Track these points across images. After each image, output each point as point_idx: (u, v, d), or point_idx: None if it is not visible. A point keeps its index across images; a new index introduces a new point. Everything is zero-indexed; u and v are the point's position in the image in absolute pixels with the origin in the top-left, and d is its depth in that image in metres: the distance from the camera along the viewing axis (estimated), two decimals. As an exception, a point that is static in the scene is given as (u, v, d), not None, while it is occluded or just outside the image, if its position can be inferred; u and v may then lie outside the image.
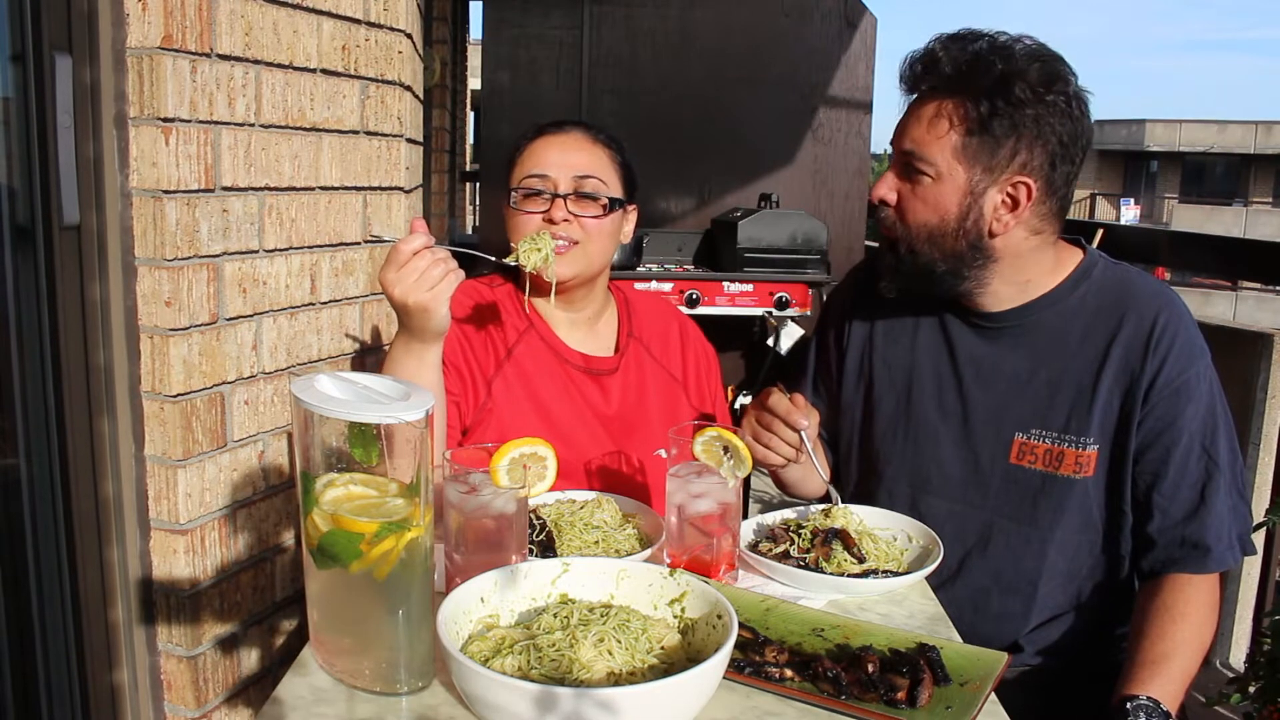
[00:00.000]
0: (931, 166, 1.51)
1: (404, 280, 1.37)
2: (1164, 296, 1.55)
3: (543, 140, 1.71)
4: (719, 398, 1.89)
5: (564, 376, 1.69)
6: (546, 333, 1.71)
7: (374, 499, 1.08)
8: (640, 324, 1.82)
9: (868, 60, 4.30)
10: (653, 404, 1.76)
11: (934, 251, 1.54)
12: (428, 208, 4.86)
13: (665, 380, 1.79)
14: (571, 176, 1.67)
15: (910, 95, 1.56)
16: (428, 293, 1.37)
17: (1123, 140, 29.86)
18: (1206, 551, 1.48)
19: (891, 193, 1.56)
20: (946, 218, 1.52)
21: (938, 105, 1.50)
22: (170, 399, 1.61)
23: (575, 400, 1.69)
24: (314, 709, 1.04)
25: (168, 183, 1.57)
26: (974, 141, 1.48)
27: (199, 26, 1.58)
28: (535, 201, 1.66)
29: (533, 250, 1.55)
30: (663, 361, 1.81)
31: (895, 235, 1.57)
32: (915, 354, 1.67)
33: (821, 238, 3.61)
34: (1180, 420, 1.50)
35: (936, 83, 1.51)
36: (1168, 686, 1.37)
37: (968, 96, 1.48)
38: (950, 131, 1.49)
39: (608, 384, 1.72)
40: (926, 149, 1.50)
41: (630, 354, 1.77)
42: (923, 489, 1.65)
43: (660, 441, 1.71)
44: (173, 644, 1.69)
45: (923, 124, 1.51)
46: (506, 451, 1.25)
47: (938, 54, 1.50)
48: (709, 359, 1.88)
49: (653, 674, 1.03)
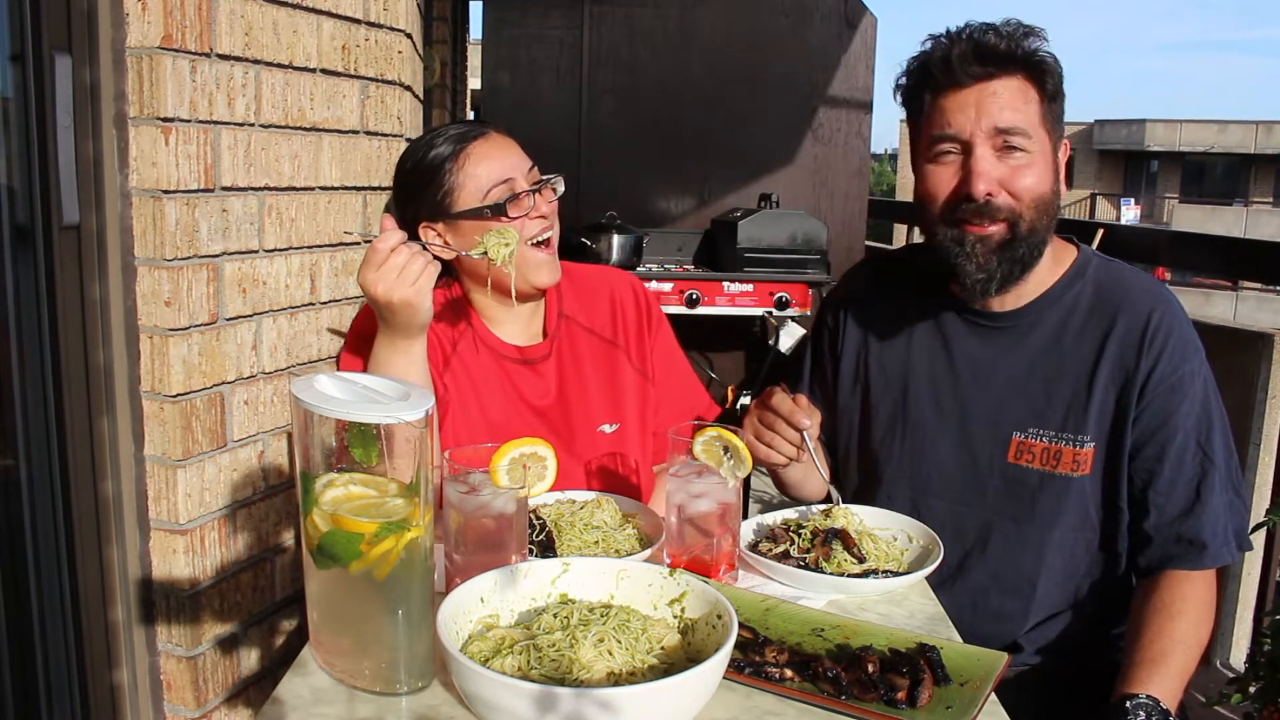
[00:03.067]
0: (1029, 139, 1.50)
1: (385, 278, 1.38)
2: (1158, 294, 1.56)
3: (478, 149, 1.66)
4: (669, 351, 1.87)
5: (500, 371, 1.70)
6: (481, 330, 1.73)
7: (374, 499, 1.08)
8: (570, 300, 1.81)
9: (868, 60, 4.30)
10: (590, 379, 1.76)
11: (1044, 221, 1.53)
12: (428, 208, 4.86)
13: (601, 348, 1.79)
14: (526, 170, 1.68)
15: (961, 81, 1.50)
16: (410, 288, 1.39)
17: (1123, 140, 29.86)
18: (1203, 548, 1.48)
19: (995, 183, 1.50)
20: (1051, 184, 1.53)
21: (1014, 78, 1.50)
22: (170, 399, 1.61)
23: (509, 394, 1.70)
24: (314, 709, 1.04)
25: (167, 183, 1.57)
26: (1050, 108, 1.52)
27: (199, 26, 1.58)
28: (517, 205, 1.65)
29: (500, 245, 1.56)
30: (596, 330, 1.80)
31: (1013, 220, 1.51)
32: (911, 355, 1.67)
33: (821, 238, 3.61)
34: (1175, 417, 1.50)
35: (1014, 59, 1.50)
36: (1166, 684, 1.37)
37: (1038, 67, 1.50)
38: (1036, 101, 1.51)
39: (542, 369, 1.73)
40: (1024, 122, 1.50)
41: (562, 335, 1.77)
42: (922, 490, 1.65)
43: (603, 416, 1.73)
44: (173, 644, 1.69)
45: (1010, 99, 1.49)
46: (506, 451, 1.25)
47: (992, 37, 1.50)
48: (649, 313, 1.85)
49: (653, 674, 1.03)
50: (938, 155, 1.53)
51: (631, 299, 1.85)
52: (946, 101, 1.51)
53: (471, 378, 1.69)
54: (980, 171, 1.49)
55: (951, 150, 1.52)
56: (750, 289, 3.56)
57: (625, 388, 1.77)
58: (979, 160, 1.49)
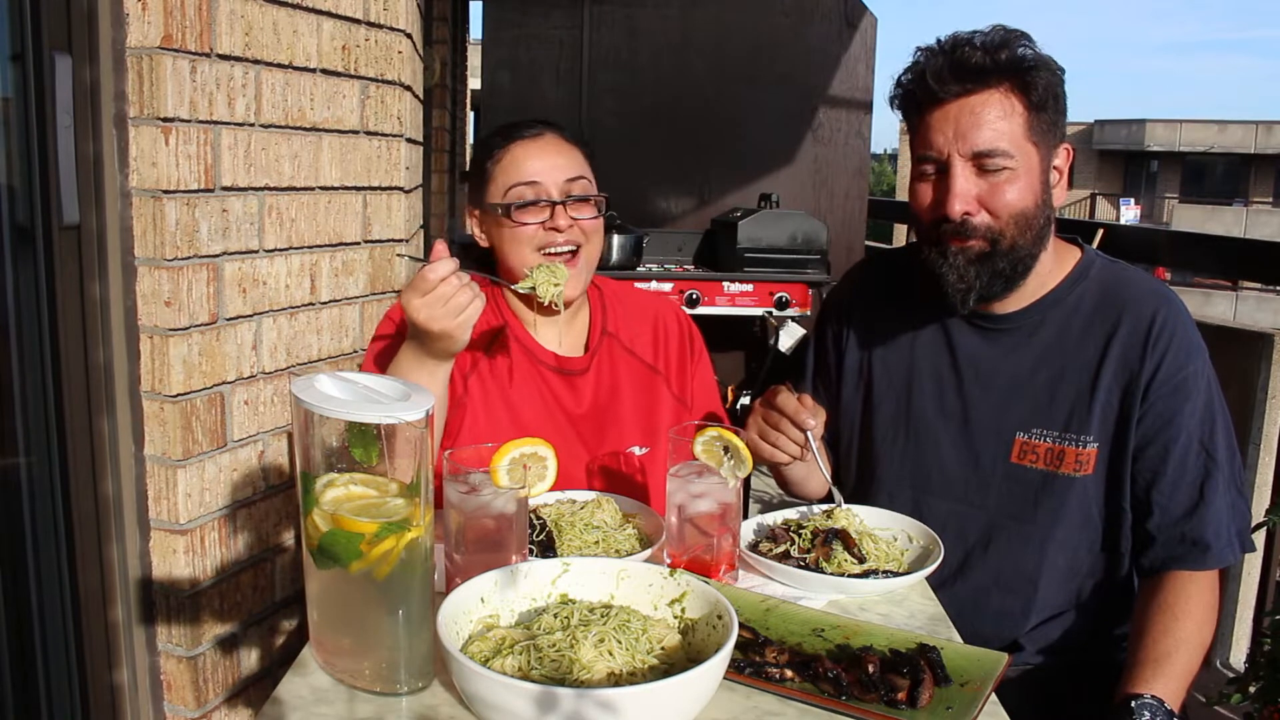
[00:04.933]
0: (1012, 158, 1.48)
1: (431, 307, 1.35)
2: (1161, 294, 1.56)
3: (520, 147, 1.65)
4: (707, 382, 1.85)
5: (536, 376, 1.68)
6: (520, 332, 1.70)
7: (374, 499, 1.08)
8: (615, 318, 1.79)
9: (868, 60, 4.30)
10: (626, 400, 1.73)
11: (1027, 236, 1.51)
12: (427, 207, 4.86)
13: (641, 372, 1.77)
14: (563, 180, 1.63)
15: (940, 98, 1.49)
16: (454, 320, 1.36)
17: (1123, 140, 29.86)
18: (1206, 548, 1.48)
19: (973, 202, 1.50)
20: (1036, 200, 1.51)
21: (997, 94, 1.47)
22: (170, 399, 1.61)
23: (546, 399, 1.67)
24: (314, 709, 1.04)
25: (167, 182, 1.57)
26: (1037, 118, 1.49)
27: (199, 26, 1.58)
28: (531, 211, 1.62)
29: (550, 284, 1.55)
30: (639, 353, 1.78)
31: (992, 237, 1.51)
32: (915, 355, 1.67)
33: (821, 238, 3.61)
34: (1179, 417, 1.50)
35: (994, 72, 1.47)
36: (1171, 685, 1.37)
37: (1022, 77, 1.47)
38: (1020, 115, 1.48)
39: (579, 383, 1.70)
40: (1004, 142, 1.47)
41: (603, 351, 1.74)
42: (924, 490, 1.65)
43: (636, 438, 1.71)
44: (173, 644, 1.69)
45: (989, 118, 1.47)
46: (506, 451, 1.25)
47: (968, 50, 1.47)
48: (691, 343, 1.84)
49: (653, 674, 1.03)
50: (920, 173, 1.55)
51: (676, 327, 1.83)
52: (928, 119, 1.51)
53: (500, 380, 1.66)
54: (956, 192, 1.49)
55: (932, 168, 1.52)
56: (750, 289, 3.57)
57: (662, 413, 1.75)
58: (955, 180, 1.49)
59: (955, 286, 1.54)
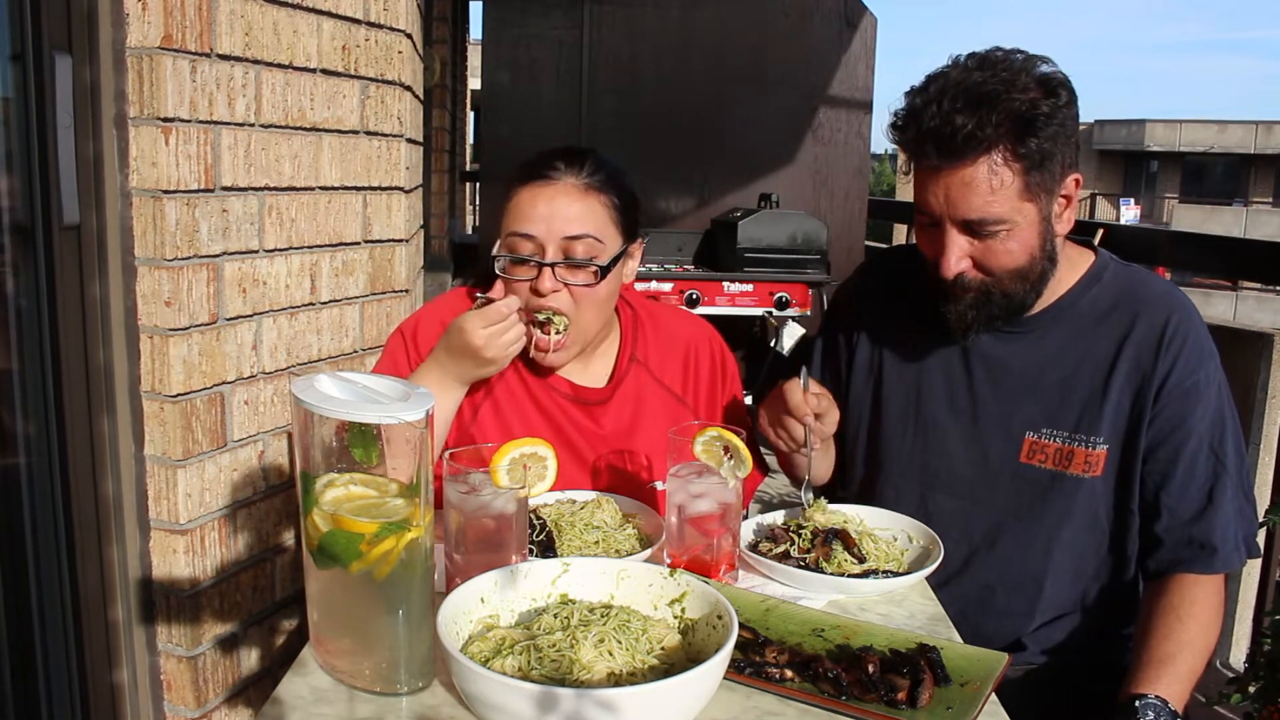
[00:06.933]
0: (1005, 221, 1.45)
1: (494, 339, 1.46)
2: (1175, 298, 1.56)
3: (529, 191, 1.53)
4: (736, 409, 1.78)
5: (550, 403, 1.62)
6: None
7: (374, 499, 1.08)
8: (645, 344, 1.71)
9: (868, 60, 4.31)
10: (649, 429, 1.66)
11: (1024, 285, 1.51)
12: (428, 207, 4.86)
13: (667, 401, 1.70)
14: (561, 238, 1.50)
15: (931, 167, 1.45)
16: (504, 351, 1.48)
17: (1123, 140, 29.87)
18: (1213, 552, 1.48)
19: (965, 261, 1.48)
20: (1033, 252, 1.49)
21: (984, 163, 1.42)
22: (170, 399, 1.61)
23: (563, 429, 1.62)
24: (314, 709, 1.04)
25: (168, 182, 1.57)
26: (1035, 176, 1.44)
27: (199, 26, 1.58)
28: (521, 269, 1.52)
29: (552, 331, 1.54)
30: (666, 383, 1.71)
31: (985, 290, 1.50)
32: (926, 351, 1.67)
33: (821, 238, 3.61)
34: (1189, 421, 1.50)
35: (983, 141, 1.41)
36: (1175, 686, 1.37)
37: (1012, 141, 1.41)
38: (1013, 180, 1.43)
39: (598, 413, 1.64)
40: (995, 210, 1.43)
41: (629, 380, 1.67)
42: (931, 486, 1.65)
43: (659, 472, 1.62)
44: (173, 644, 1.69)
45: (979, 189, 1.43)
46: (506, 451, 1.25)
47: (956, 119, 1.40)
48: (724, 370, 1.77)
49: (653, 674, 1.03)
50: (919, 221, 1.54)
51: (707, 352, 1.75)
52: (921, 176, 1.49)
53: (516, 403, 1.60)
54: (947, 257, 1.48)
55: (927, 220, 1.51)
56: (750, 289, 3.57)
57: None
58: (948, 245, 1.48)
59: (955, 324, 1.56)
